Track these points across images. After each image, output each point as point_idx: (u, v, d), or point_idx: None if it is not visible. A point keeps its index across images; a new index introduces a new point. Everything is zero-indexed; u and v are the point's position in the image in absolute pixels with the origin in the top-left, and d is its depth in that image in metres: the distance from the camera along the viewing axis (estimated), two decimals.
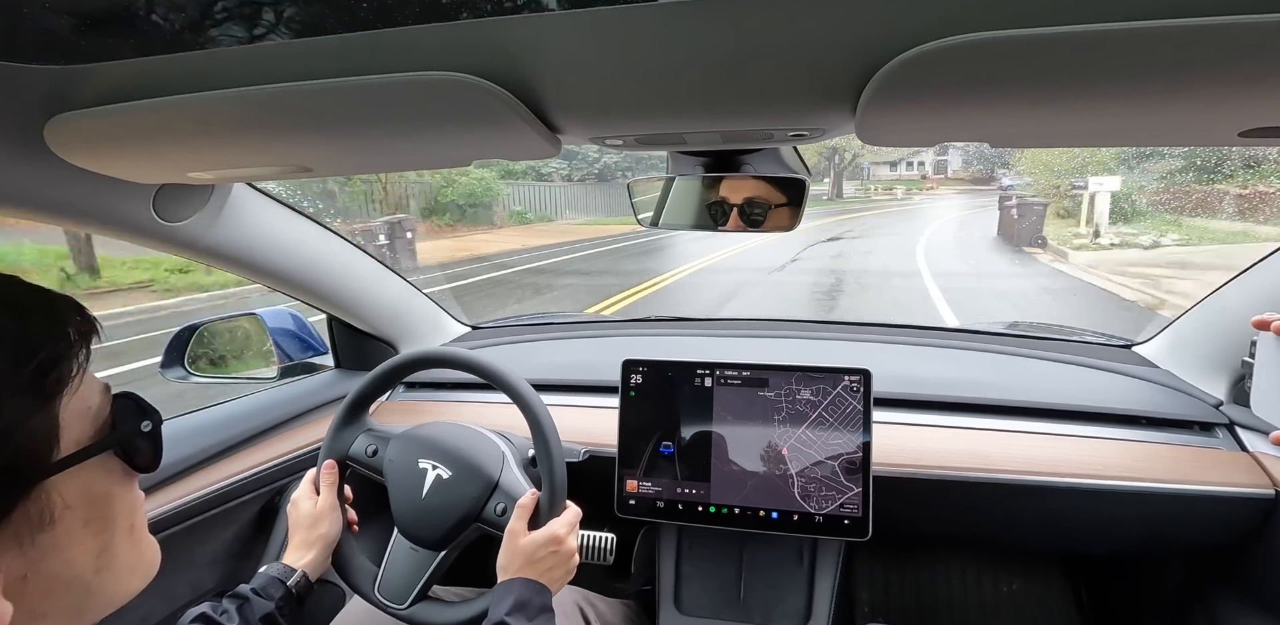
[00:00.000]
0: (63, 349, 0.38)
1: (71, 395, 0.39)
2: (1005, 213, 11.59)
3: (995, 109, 0.51)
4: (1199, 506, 1.01)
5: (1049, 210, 11.40)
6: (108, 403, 0.42)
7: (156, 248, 0.96)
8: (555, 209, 20.56)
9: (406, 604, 0.90)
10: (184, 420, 1.16)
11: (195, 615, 0.77)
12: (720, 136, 0.69)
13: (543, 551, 0.83)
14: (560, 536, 0.85)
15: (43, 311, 0.38)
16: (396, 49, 0.47)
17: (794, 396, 1.06)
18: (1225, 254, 8.31)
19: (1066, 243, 9.98)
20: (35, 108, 0.59)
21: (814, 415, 1.05)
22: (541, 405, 0.90)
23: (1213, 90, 0.45)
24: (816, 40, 0.44)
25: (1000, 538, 1.29)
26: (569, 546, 0.86)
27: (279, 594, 0.84)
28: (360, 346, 1.44)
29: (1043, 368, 1.30)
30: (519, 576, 0.81)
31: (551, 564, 0.83)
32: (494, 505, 0.90)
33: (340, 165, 0.80)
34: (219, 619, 0.78)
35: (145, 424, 0.44)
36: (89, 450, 0.39)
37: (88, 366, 0.40)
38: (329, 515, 0.94)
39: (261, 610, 0.81)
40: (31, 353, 0.36)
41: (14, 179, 0.70)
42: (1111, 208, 10.60)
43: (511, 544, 0.84)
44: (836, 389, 1.05)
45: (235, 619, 0.79)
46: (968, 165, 38.81)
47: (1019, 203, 11.16)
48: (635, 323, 1.71)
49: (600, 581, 1.35)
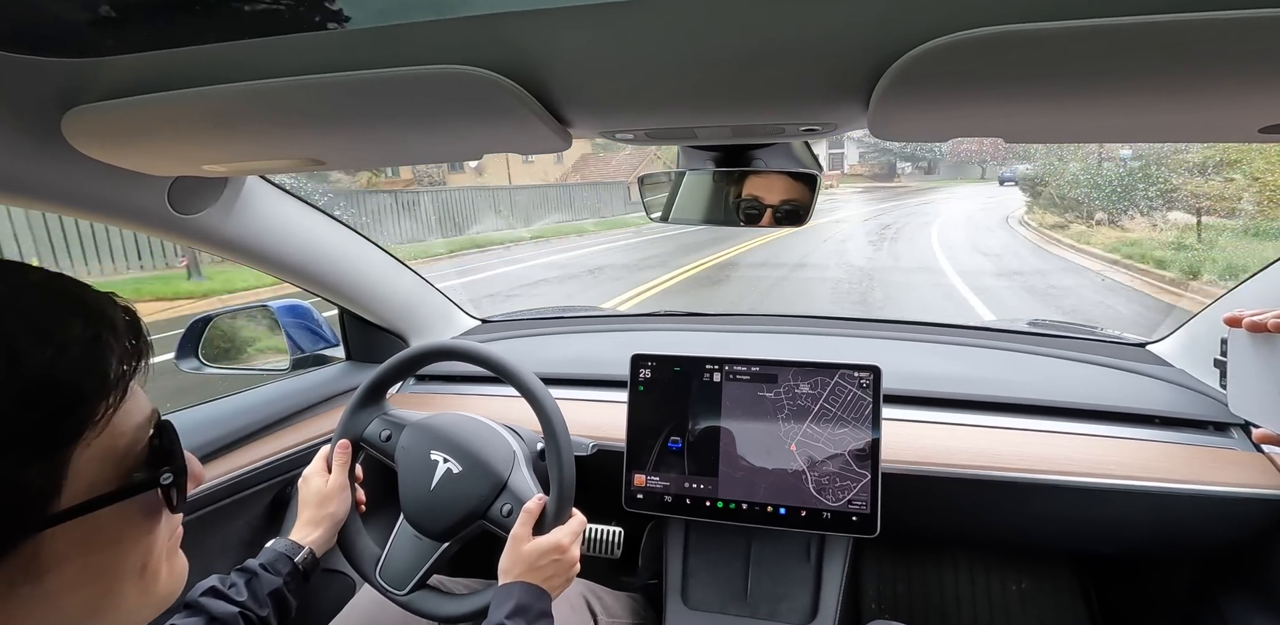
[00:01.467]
0: (90, 389, 0.34)
1: (95, 436, 0.34)
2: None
3: (1011, 104, 0.50)
4: (1212, 507, 1.00)
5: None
6: (145, 434, 0.38)
7: (171, 240, 0.97)
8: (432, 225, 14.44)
9: (406, 591, 0.91)
10: (197, 410, 1.17)
11: (205, 588, 0.78)
12: (731, 131, 0.69)
13: (545, 560, 0.83)
14: (564, 546, 0.85)
15: (85, 343, 0.34)
16: (409, 43, 0.47)
17: (803, 392, 1.06)
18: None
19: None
20: (52, 101, 0.59)
21: (823, 411, 1.05)
22: (551, 400, 0.90)
23: (1233, 86, 0.44)
24: (830, 34, 0.44)
25: (1010, 536, 1.28)
26: (571, 556, 0.86)
27: (286, 570, 0.85)
28: (371, 339, 1.45)
29: (1056, 366, 1.29)
30: (520, 581, 0.82)
31: (552, 572, 0.84)
32: (500, 506, 0.90)
33: (352, 158, 0.80)
34: (228, 592, 0.78)
35: (166, 476, 0.39)
36: (99, 501, 0.35)
37: (123, 399, 0.36)
38: (339, 494, 0.95)
39: (270, 586, 0.82)
40: (45, 396, 0.32)
41: (31, 171, 0.71)
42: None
43: (515, 549, 0.84)
44: (846, 385, 1.04)
45: (244, 593, 0.79)
46: (864, 159, 34.57)
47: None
48: (644, 317, 1.71)
49: (607, 575, 1.35)
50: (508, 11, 0.42)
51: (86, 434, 0.34)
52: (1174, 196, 9.83)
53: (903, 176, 35.28)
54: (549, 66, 0.50)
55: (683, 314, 1.71)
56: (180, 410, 1.15)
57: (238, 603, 0.78)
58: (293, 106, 0.57)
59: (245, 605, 0.79)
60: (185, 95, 0.55)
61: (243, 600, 0.79)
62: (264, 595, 0.81)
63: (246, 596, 0.80)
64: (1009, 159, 26.25)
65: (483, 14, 0.43)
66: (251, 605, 0.79)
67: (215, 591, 0.78)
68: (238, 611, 0.77)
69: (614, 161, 23.14)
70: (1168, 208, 10.13)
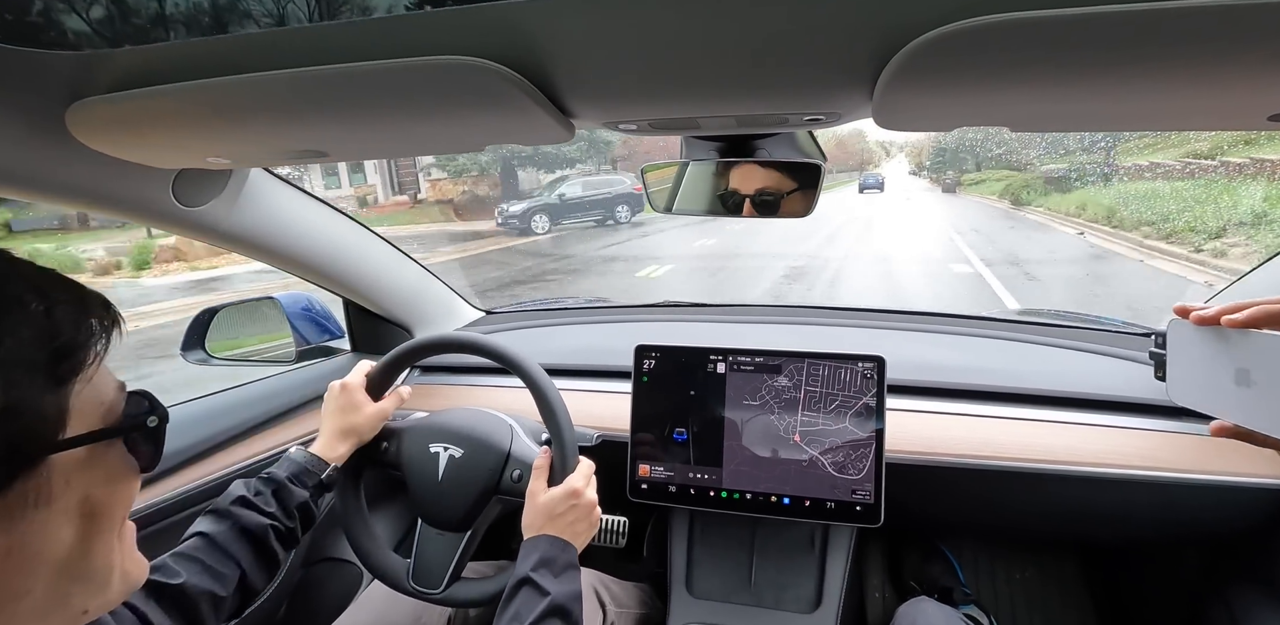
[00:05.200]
0: (83, 338, 0.39)
1: (85, 384, 0.40)
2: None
3: (1016, 92, 0.50)
4: (1217, 496, 1.00)
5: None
6: (121, 400, 0.43)
7: (176, 232, 0.97)
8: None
9: (442, 588, 0.91)
10: (205, 401, 1.18)
11: (234, 497, 0.79)
12: (735, 121, 0.68)
13: (563, 506, 0.84)
14: (578, 489, 0.85)
15: (71, 303, 0.39)
16: (411, 33, 0.47)
17: (807, 383, 1.06)
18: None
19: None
20: (56, 93, 0.59)
21: (827, 402, 1.05)
22: (554, 389, 0.91)
23: (1242, 72, 0.44)
24: (834, 22, 0.43)
25: (1014, 526, 1.29)
26: (589, 498, 0.86)
27: (312, 484, 0.85)
28: (376, 330, 1.46)
29: (1060, 355, 1.29)
30: (543, 534, 0.82)
31: (573, 518, 0.84)
32: (510, 473, 0.91)
33: (355, 150, 0.80)
34: (256, 501, 0.79)
35: (152, 419, 0.45)
36: (97, 434, 0.40)
37: (104, 359, 0.41)
38: (376, 419, 0.95)
39: (298, 499, 0.82)
40: (52, 337, 0.37)
41: (36, 164, 0.71)
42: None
43: (532, 504, 0.84)
44: (850, 376, 1.04)
45: (272, 503, 0.80)
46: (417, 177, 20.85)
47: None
48: (648, 308, 1.71)
49: (613, 564, 1.36)
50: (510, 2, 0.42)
51: (80, 376, 0.39)
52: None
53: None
54: (552, 57, 0.50)
55: (687, 304, 1.71)
56: (187, 402, 1.16)
57: (267, 513, 0.78)
58: (296, 98, 0.57)
59: (275, 516, 0.79)
60: (189, 87, 0.55)
61: (272, 511, 0.79)
62: (292, 507, 0.81)
63: (276, 507, 0.80)
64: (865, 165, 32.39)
65: (485, 4, 0.42)
66: (281, 516, 0.80)
67: (245, 501, 0.78)
68: (269, 524, 0.77)
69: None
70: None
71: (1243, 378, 0.48)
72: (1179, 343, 0.54)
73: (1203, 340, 0.52)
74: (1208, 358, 0.52)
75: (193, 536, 0.74)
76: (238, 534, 0.75)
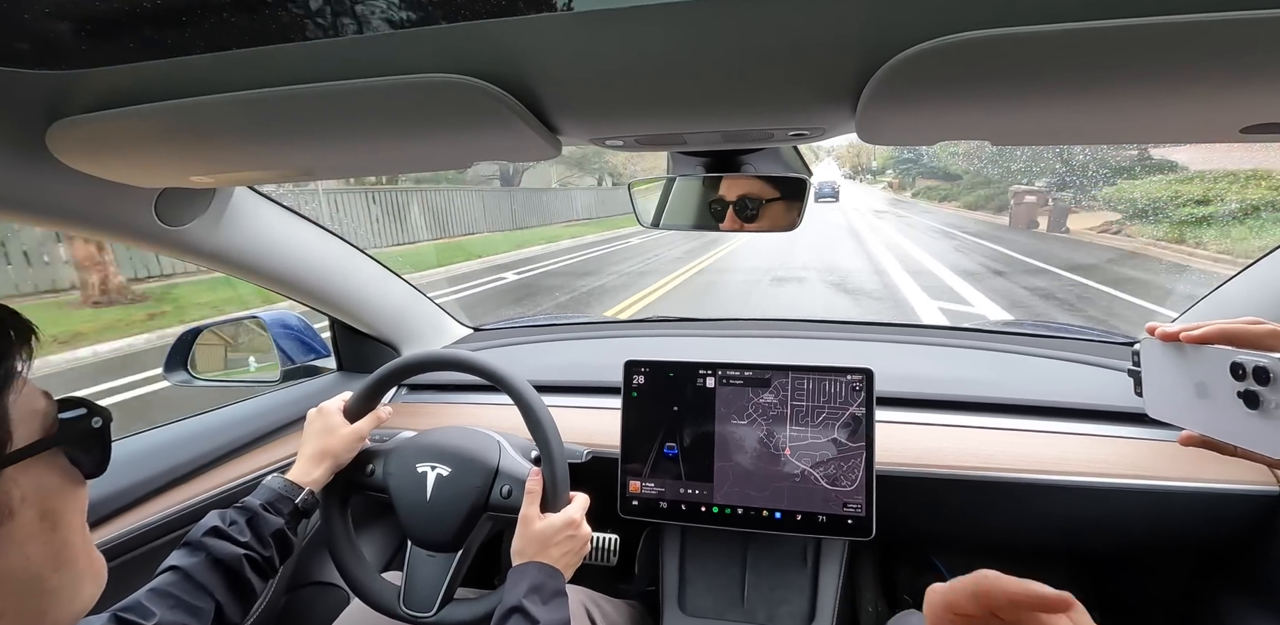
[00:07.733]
0: (5, 346, 0.39)
1: (18, 394, 0.40)
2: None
3: (996, 107, 0.51)
4: (1205, 504, 1.01)
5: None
6: (53, 406, 0.43)
7: (160, 252, 0.96)
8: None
9: (434, 611, 0.90)
10: (189, 423, 1.16)
11: (207, 528, 0.77)
12: (721, 136, 0.69)
13: (560, 535, 0.83)
14: (577, 520, 0.86)
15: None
16: (395, 52, 0.47)
17: (796, 396, 1.06)
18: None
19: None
20: (37, 113, 0.59)
21: (816, 415, 1.05)
22: (543, 406, 0.90)
23: (1215, 87, 0.45)
24: (816, 39, 0.44)
25: (1005, 536, 1.28)
26: (586, 530, 0.87)
27: (287, 510, 0.84)
28: (363, 349, 1.44)
29: (1046, 366, 1.30)
30: (533, 561, 0.81)
31: (568, 548, 0.84)
32: (499, 489, 0.90)
33: (341, 168, 0.80)
34: (229, 531, 0.77)
35: (96, 419, 0.45)
36: (42, 443, 0.41)
37: (29, 370, 0.41)
38: (351, 440, 0.94)
39: (272, 526, 0.81)
40: None
41: (17, 184, 0.70)
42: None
43: (526, 529, 0.84)
44: (839, 388, 1.04)
45: (247, 533, 0.78)
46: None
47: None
48: (637, 323, 1.71)
49: (604, 582, 1.34)
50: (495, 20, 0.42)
51: (13, 386, 0.39)
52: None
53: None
54: (538, 74, 0.50)
55: (675, 319, 1.71)
56: (168, 424, 1.14)
57: (241, 543, 0.77)
58: (280, 117, 0.57)
59: (250, 546, 0.77)
60: (172, 107, 0.54)
61: (246, 541, 0.77)
62: (267, 536, 0.80)
63: (250, 537, 0.78)
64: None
65: (470, 22, 0.43)
66: (256, 546, 0.78)
67: (218, 532, 0.76)
68: (243, 554, 0.76)
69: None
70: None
71: (1202, 390, 0.52)
72: (1150, 359, 0.57)
73: (1168, 356, 0.55)
74: (1173, 373, 0.55)
75: (166, 570, 0.73)
76: (211, 566, 0.74)
